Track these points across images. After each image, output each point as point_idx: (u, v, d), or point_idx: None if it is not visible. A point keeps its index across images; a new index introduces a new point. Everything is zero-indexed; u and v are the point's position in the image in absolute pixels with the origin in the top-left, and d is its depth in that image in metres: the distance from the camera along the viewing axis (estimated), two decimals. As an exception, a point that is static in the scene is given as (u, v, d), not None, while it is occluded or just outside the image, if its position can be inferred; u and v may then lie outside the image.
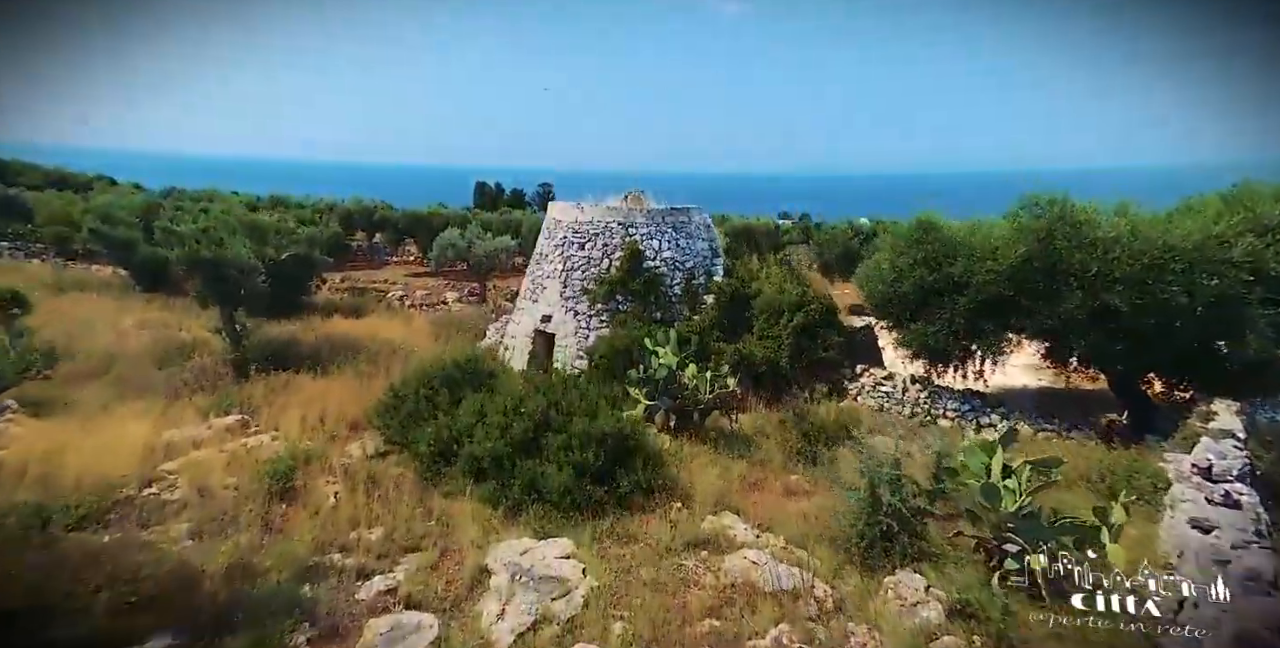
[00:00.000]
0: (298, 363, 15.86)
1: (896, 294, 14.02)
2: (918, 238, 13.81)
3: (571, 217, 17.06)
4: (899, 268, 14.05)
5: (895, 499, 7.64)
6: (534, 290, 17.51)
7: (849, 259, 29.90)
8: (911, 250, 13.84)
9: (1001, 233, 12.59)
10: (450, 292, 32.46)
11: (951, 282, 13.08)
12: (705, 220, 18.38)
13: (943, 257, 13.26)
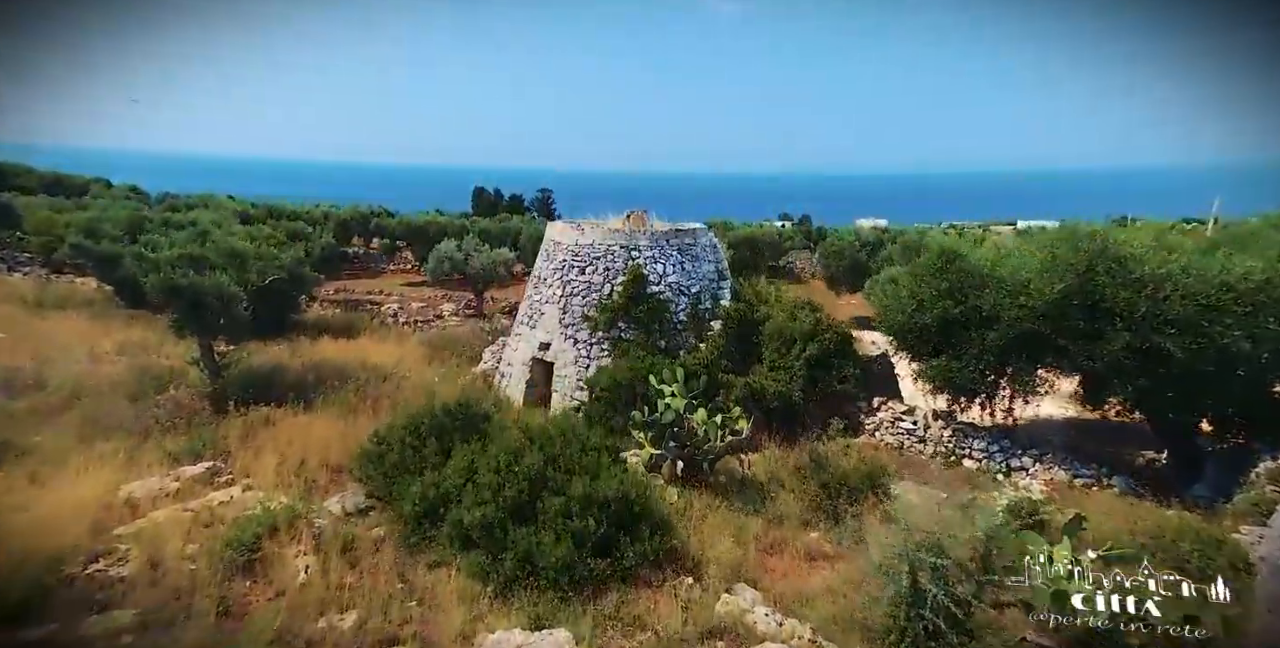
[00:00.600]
0: (280, 395, 14.81)
1: (917, 325, 13.01)
2: (940, 268, 12.79)
3: (571, 239, 16.04)
4: (919, 297, 13.05)
5: (940, 592, 6.63)
6: (532, 316, 16.49)
7: (856, 271, 28.91)
8: (933, 280, 12.83)
9: (1033, 265, 11.58)
10: (447, 303, 31.48)
11: (979, 315, 12.09)
12: (711, 241, 17.38)
13: (968, 288, 12.26)
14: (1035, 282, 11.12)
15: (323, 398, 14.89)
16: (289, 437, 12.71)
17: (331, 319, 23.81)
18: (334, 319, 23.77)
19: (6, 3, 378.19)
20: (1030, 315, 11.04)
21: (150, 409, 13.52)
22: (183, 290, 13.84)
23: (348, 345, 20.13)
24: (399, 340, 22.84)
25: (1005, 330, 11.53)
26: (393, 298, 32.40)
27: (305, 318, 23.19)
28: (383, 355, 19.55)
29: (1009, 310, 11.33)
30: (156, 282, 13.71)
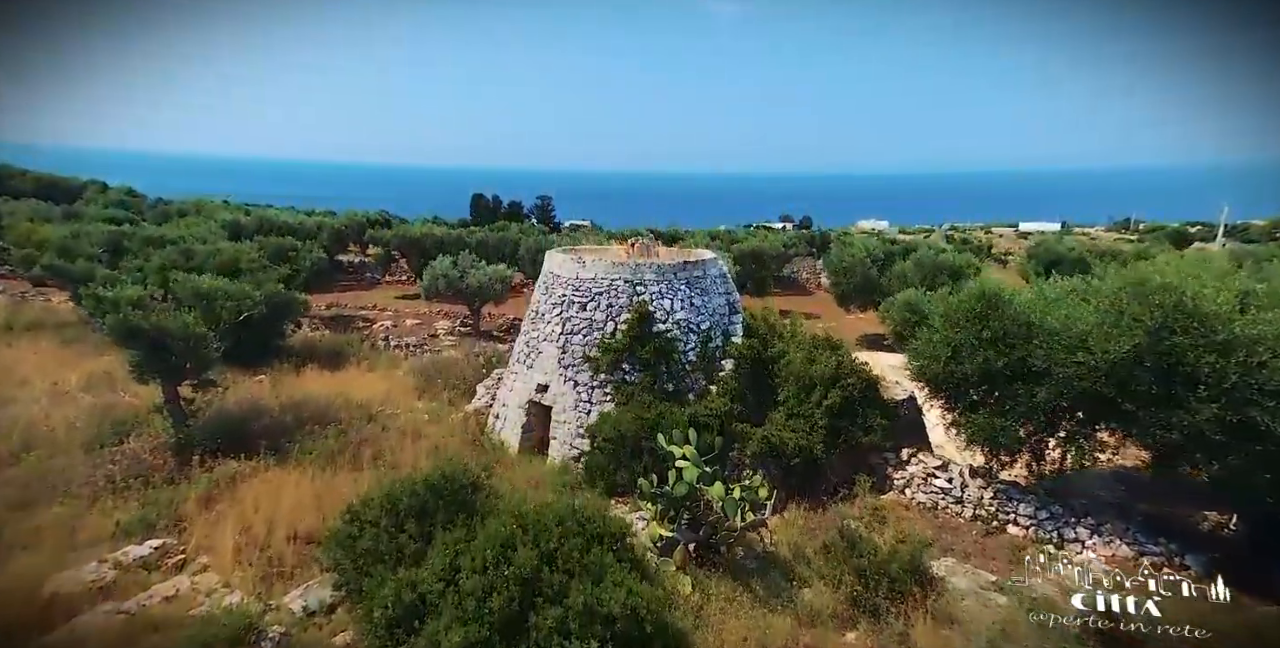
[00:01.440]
0: (253, 442, 13.45)
1: (954, 375, 11.59)
2: (980, 313, 11.37)
3: (571, 272, 14.62)
4: (954, 343, 11.63)
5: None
6: (529, 354, 15.07)
7: (867, 288, 27.49)
8: (971, 325, 11.41)
9: (1089, 316, 10.16)
10: (443, 320, 30.07)
11: (1026, 368, 10.68)
12: (721, 270, 15.97)
13: (1014, 338, 10.84)
14: (1095, 336, 9.71)
15: (299, 446, 13.50)
16: (257, 500, 11.33)
17: (320, 343, 22.36)
18: (322, 343, 22.33)
19: (6, 2, 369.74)
20: (1090, 374, 9.63)
21: (105, 465, 12.11)
22: (143, 333, 12.44)
23: (333, 378, 18.72)
24: (390, 367, 21.44)
25: (1058, 387, 10.13)
26: (386, 314, 30.98)
27: (291, 343, 21.76)
28: (370, 389, 18.15)
29: (1064, 366, 9.92)
30: (114, 323, 12.30)
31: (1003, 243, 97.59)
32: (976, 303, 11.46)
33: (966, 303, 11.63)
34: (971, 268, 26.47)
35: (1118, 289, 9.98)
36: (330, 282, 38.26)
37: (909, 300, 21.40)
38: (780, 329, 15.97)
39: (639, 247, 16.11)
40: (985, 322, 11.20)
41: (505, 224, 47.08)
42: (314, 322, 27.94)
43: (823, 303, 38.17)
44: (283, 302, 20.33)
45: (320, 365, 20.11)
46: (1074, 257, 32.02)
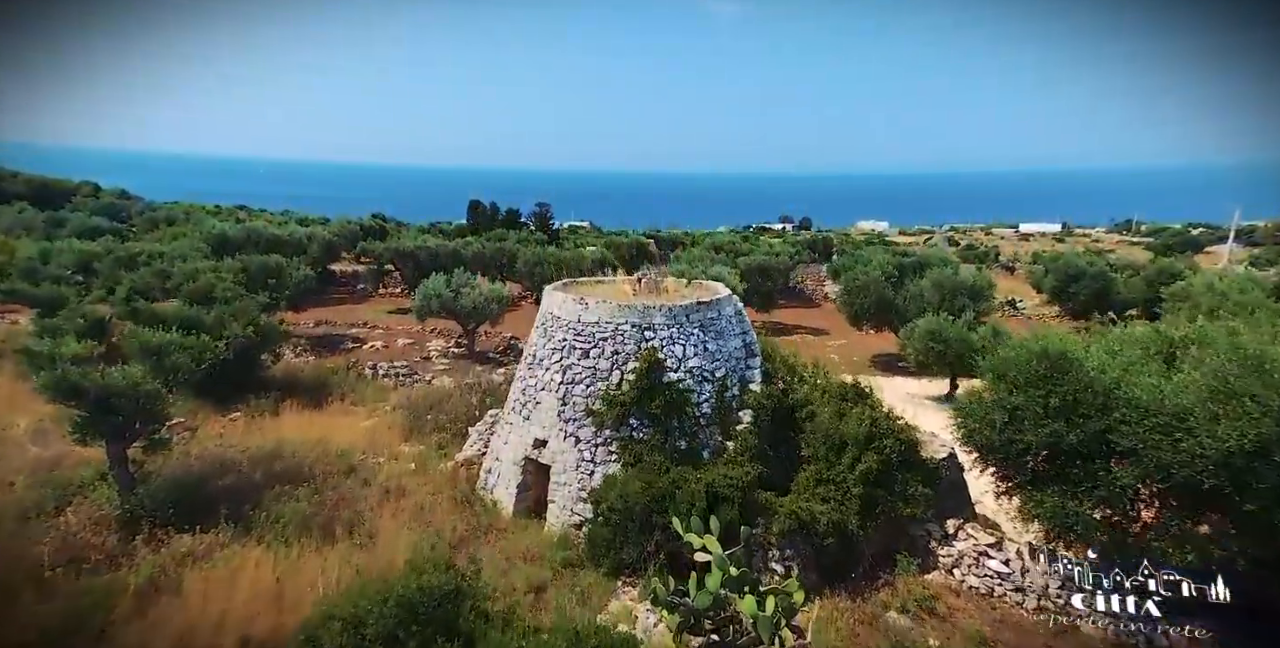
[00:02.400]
0: (214, 508, 11.81)
1: (1013, 444, 9.97)
2: (1044, 375, 9.74)
3: (572, 314, 12.95)
4: (1011, 407, 10.01)
5: None
6: (525, 404, 13.40)
7: (882, 306, 25.86)
8: (1033, 389, 9.79)
9: (1190, 390, 8.52)
10: (436, 339, 28.42)
11: (1105, 444, 9.07)
12: (736, 308, 14.31)
13: (1089, 408, 9.22)
14: (1200, 416, 8.09)
15: (265, 513, 11.85)
16: (207, 590, 9.70)
17: (302, 374, 20.67)
18: (305, 374, 20.64)
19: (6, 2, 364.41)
20: (1194, 463, 8.02)
21: (33, 547, 10.45)
22: (85, 391, 10.79)
23: (314, 419, 17.05)
24: (378, 398, 19.81)
25: (1149, 472, 8.51)
26: (378, 332, 29.33)
27: (273, 373, 20.09)
28: (352, 432, 16.52)
29: (1158, 449, 8.30)
30: (49, 381, 10.65)
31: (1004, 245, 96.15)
32: (1039, 363, 9.82)
33: (1026, 362, 9.99)
34: (991, 287, 24.89)
35: (1225, 360, 8.30)
36: (321, 294, 36.63)
37: (932, 329, 19.79)
38: (802, 371, 14.38)
39: (646, 282, 14.45)
40: (1051, 386, 9.57)
41: (503, 232, 45.45)
42: (300, 342, 26.30)
43: (830, 316, 36.58)
44: (261, 332, 18.69)
45: (302, 400, 18.45)
46: (1094, 271, 30.43)
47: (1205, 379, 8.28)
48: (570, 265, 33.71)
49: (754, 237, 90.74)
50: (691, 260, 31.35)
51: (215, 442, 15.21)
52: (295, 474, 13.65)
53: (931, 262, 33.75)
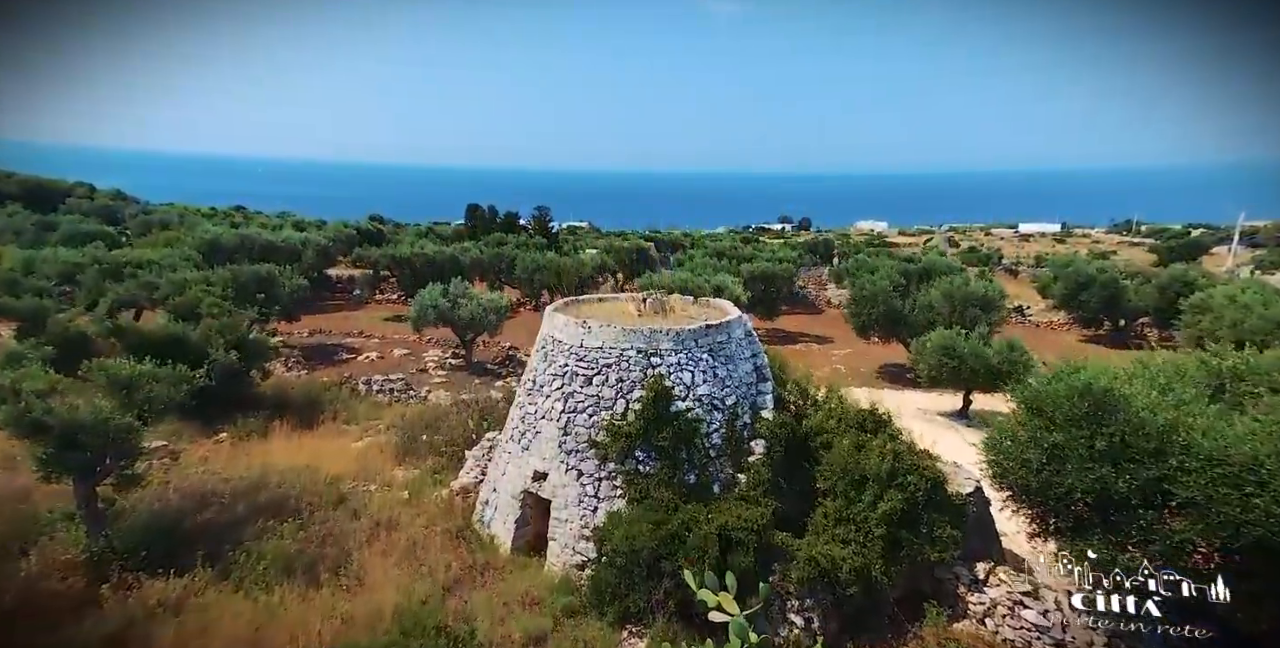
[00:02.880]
0: (190, 551, 10.98)
1: (1052, 487, 9.14)
2: (1086, 413, 8.91)
3: (574, 338, 12.12)
4: (1049, 446, 9.18)
5: None
6: (524, 433, 12.57)
7: (891, 318, 25.04)
8: (1075, 428, 8.96)
9: (1259, 436, 7.70)
10: (433, 350, 27.60)
11: (1162, 493, 8.25)
12: (746, 329, 13.47)
13: (1141, 453, 8.39)
14: (1273, 467, 7.28)
15: (245, 556, 11.01)
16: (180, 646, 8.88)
17: (293, 391, 19.81)
18: (296, 392, 19.77)
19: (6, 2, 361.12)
20: (1268, 522, 7.20)
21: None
22: (49, 427, 9.95)
23: (304, 441, 16.20)
24: (371, 416, 19.00)
25: (1212, 527, 7.69)
26: (373, 342, 28.50)
27: (262, 390, 19.25)
28: (343, 456, 15.69)
29: (1227, 504, 7.48)
30: (9, 417, 9.80)
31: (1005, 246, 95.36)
32: (1081, 401, 8.99)
33: (1067, 398, 9.15)
34: (1003, 297, 24.07)
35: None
36: (316, 301, 35.76)
37: (945, 345, 18.98)
38: (814, 394, 13.57)
39: (650, 302, 13.61)
40: (1096, 426, 8.74)
41: (501, 236, 44.57)
42: (293, 353, 25.48)
43: (835, 323, 35.75)
44: (249, 349, 17.86)
45: (292, 419, 17.62)
46: (1105, 278, 29.61)
47: (1266, 424, 7.46)
48: (570, 272, 32.89)
49: (754, 238, 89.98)
50: (694, 268, 30.54)
51: (198, 469, 14.37)
52: (281, 506, 12.82)
53: (938, 269, 32.96)
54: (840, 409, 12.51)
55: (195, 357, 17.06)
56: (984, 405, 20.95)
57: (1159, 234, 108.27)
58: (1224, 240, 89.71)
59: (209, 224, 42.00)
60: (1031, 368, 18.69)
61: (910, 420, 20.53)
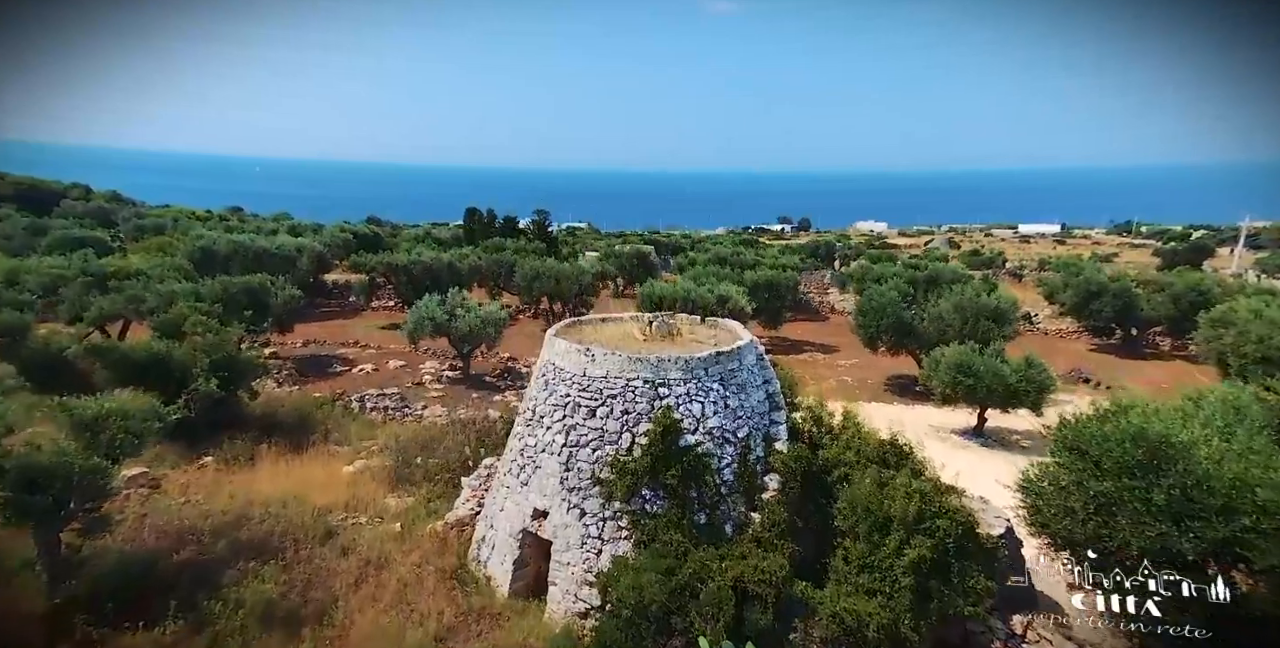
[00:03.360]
0: (163, 598, 10.13)
1: (1103, 541, 8.31)
2: (1140, 462, 8.08)
3: (577, 366, 11.27)
4: (1095, 493, 8.35)
5: None
6: (524, 467, 11.71)
7: (900, 330, 24.17)
8: (1129, 478, 8.12)
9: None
10: (430, 361, 26.68)
11: (1231, 555, 7.43)
12: (757, 353, 12.62)
13: (1207, 509, 7.55)
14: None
15: (220, 605, 10.16)
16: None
17: (283, 409, 18.94)
18: (286, 410, 18.90)
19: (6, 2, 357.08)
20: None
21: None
22: (5, 472, 9.10)
23: (290, 470, 15.31)
24: (364, 436, 18.14)
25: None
26: (368, 353, 27.61)
27: (251, 408, 18.39)
28: (333, 483, 14.83)
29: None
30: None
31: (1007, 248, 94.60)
32: (1134, 447, 8.16)
33: (1119, 444, 8.31)
34: (1015, 309, 23.23)
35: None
36: (311, 308, 34.87)
37: (961, 362, 18.14)
38: (829, 422, 12.72)
39: (657, 326, 12.75)
40: (1154, 477, 7.91)
41: (500, 241, 43.68)
42: (285, 365, 24.62)
43: (840, 331, 34.87)
44: (238, 367, 17.01)
45: (281, 442, 16.74)
46: (1117, 288, 28.78)
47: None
48: (570, 279, 32.01)
49: (754, 239, 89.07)
50: (697, 276, 29.68)
51: (177, 500, 13.50)
52: (264, 544, 11.96)
53: (944, 276, 32.13)
54: (858, 440, 11.67)
55: (180, 376, 16.28)
56: (999, 423, 20.16)
57: (1160, 235, 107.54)
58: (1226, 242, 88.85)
59: (203, 229, 41.08)
60: (1050, 387, 17.90)
61: (922, 438, 19.82)
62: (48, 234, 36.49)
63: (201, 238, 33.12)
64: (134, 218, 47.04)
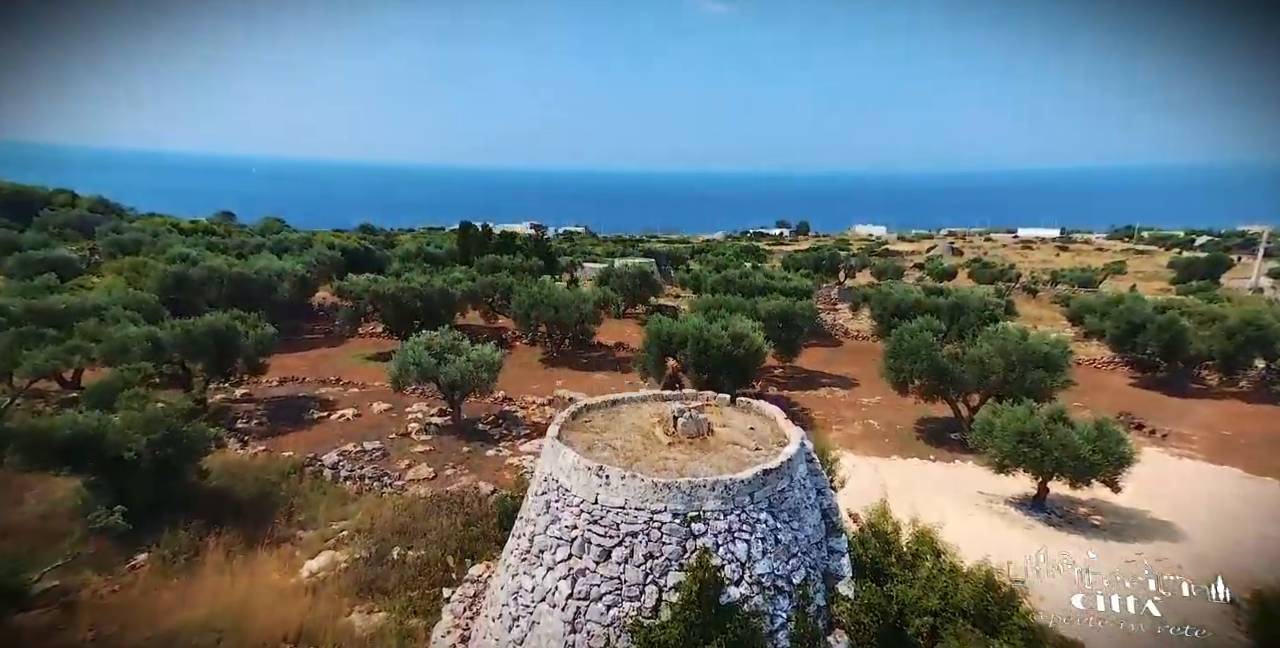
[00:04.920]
0: None
1: None
2: None
3: (588, 490, 8.65)
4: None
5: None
6: (517, 619, 9.06)
7: (936, 374, 21.51)
8: None
9: None
10: (418, 403, 23.97)
11: None
12: (807, 455, 10.04)
13: None
14: None
15: None
16: None
17: (239, 486, 16.22)
18: (243, 486, 16.20)
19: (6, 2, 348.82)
20: None
21: None
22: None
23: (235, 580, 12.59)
24: (333, 515, 15.51)
25: None
26: (350, 394, 24.88)
27: (201, 488, 15.70)
28: (287, 598, 12.17)
29: None
30: None
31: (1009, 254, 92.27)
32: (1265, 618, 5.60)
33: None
34: (1068, 355, 20.63)
35: None
36: (293, 335, 32.15)
37: (1025, 431, 15.58)
38: (896, 543, 10.16)
39: (684, 423, 10.10)
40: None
41: (496, 258, 41.00)
42: (255, 412, 21.99)
43: (856, 358, 32.24)
44: (184, 443, 14.35)
45: (235, 529, 14.13)
46: (1164, 320, 26.23)
47: None
48: (570, 307, 29.38)
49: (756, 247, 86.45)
50: (707, 307, 27.06)
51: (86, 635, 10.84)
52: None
53: (971, 304, 29.59)
54: (945, 580, 9.07)
55: (114, 458, 13.61)
56: (1061, 489, 17.55)
57: (1163, 241, 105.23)
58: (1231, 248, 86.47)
59: (182, 246, 38.33)
60: (1131, 460, 15.34)
61: (973, 510, 17.21)
62: (13, 255, 33.68)
63: (174, 264, 30.37)
64: (111, 233, 44.14)
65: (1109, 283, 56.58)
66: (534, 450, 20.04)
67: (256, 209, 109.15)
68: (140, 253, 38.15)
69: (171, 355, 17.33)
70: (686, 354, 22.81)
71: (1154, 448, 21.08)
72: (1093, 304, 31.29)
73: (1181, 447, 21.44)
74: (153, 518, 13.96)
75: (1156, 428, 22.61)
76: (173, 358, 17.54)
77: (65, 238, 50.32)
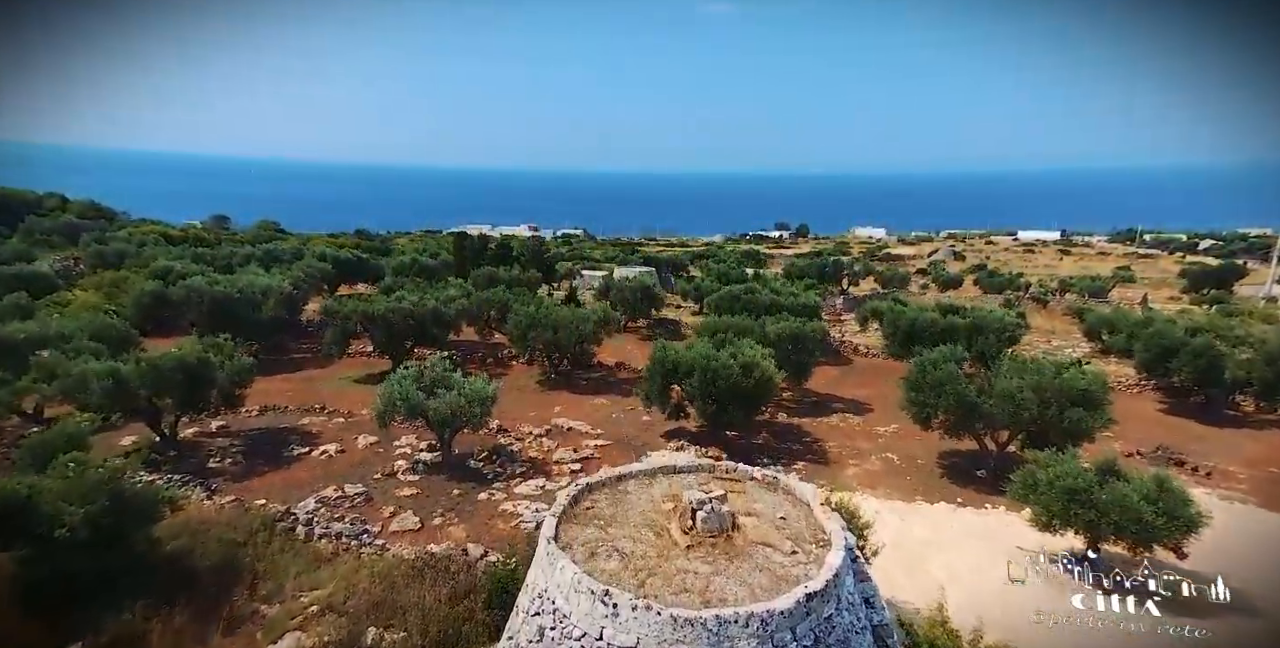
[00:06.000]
0: None
1: None
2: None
3: (591, 621, 6.86)
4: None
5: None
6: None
7: (963, 408, 19.73)
8: None
9: None
10: (406, 436, 22.08)
11: None
12: (849, 561, 8.27)
13: None
14: None
15: None
16: None
17: (200, 549, 14.43)
18: (205, 549, 14.41)
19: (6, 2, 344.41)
20: None
21: None
22: None
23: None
24: (305, 582, 13.74)
25: None
26: (335, 425, 23.04)
27: (159, 552, 13.91)
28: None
29: None
30: None
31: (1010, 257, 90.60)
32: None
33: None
34: (1107, 391, 18.86)
35: None
36: (279, 355, 30.39)
37: (1075, 488, 13.83)
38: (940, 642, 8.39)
39: (704, 518, 8.31)
40: None
41: (493, 270, 39.22)
42: (230, 449, 20.24)
43: (869, 379, 30.52)
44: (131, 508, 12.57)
45: (190, 606, 12.36)
46: (1200, 343, 24.49)
47: None
48: (568, 326, 27.61)
49: (756, 252, 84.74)
50: (714, 332, 25.28)
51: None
52: None
53: (990, 324, 27.86)
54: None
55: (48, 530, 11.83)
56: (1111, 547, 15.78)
57: (1165, 244, 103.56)
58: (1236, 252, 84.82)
59: (165, 258, 36.49)
60: (1198, 525, 13.55)
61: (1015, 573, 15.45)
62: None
63: (154, 281, 28.56)
64: (94, 243, 42.28)
65: (1118, 291, 54.92)
66: (529, 494, 18.30)
67: (254, 211, 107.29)
68: (123, 266, 36.36)
69: (137, 391, 15.53)
70: (693, 384, 21.08)
71: (1198, 488, 19.27)
72: (1112, 319, 29.57)
73: (1230, 488, 19.67)
74: (92, 598, 12.19)
75: (1199, 465, 20.86)
76: (138, 394, 15.75)
77: (52, 245, 48.50)
